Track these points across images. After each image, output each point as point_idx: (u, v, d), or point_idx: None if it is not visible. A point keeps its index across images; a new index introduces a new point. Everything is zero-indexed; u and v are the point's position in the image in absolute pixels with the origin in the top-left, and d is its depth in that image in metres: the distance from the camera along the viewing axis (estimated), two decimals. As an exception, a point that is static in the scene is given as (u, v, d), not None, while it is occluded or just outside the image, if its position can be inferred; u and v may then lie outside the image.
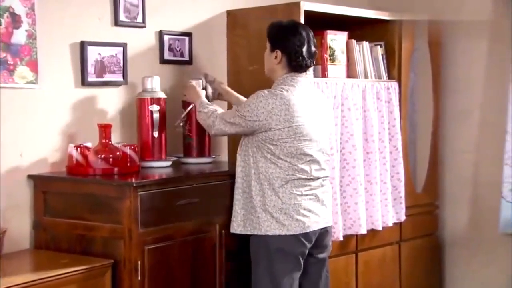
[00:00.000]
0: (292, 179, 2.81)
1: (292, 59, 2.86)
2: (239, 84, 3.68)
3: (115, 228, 2.76)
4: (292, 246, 2.81)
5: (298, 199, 2.81)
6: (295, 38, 2.86)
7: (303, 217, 2.80)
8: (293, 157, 2.81)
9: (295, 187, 2.81)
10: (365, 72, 3.79)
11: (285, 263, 2.83)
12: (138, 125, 3.23)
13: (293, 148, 2.80)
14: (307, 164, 2.83)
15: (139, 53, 3.37)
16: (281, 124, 2.78)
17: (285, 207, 2.80)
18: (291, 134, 2.79)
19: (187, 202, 2.89)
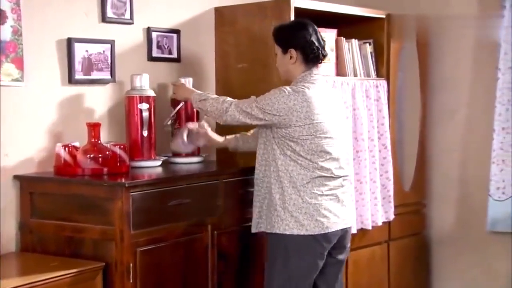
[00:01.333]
0: (313, 178, 2.76)
1: (308, 53, 2.83)
2: (228, 82, 3.63)
3: (106, 229, 2.69)
4: (310, 247, 2.76)
5: (319, 199, 2.76)
6: (304, 32, 2.85)
7: (323, 218, 2.76)
8: (314, 154, 2.76)
9: (316, 186, 2.77)
10: (354, 70, 3.77)
11: (302, 264, 2.78)
12: (127, 124, 3.15)
13: (313, 145, 2.76)
14: (328, 162, 2.79)
15: (127, 50, 3.30)
16: (302, 121, 2.74)
17: (305, 206, 2.75)
18: (312, 131, 2.75)
19: (179, 203, 2.83)
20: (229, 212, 3.07)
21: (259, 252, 3.22)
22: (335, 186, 2.83)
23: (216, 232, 2.98)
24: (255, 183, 2.89)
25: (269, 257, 2.86)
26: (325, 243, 2.79)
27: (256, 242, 3.20)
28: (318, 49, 2.84)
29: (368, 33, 3.87)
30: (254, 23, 3.51)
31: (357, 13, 3.76)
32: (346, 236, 2.91)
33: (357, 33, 3.82)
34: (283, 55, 2.90)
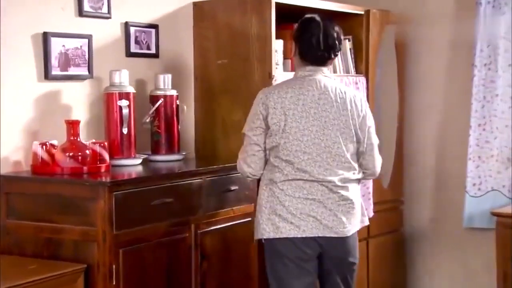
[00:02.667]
0: (288, 180, 2.61)
1: (304, 50, 2.69)
2: (207, 78, 3.57)
3: (87, 230, 2.61)
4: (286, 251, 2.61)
5: (294, 201, 2.60)
6: (307, 30, 2.70)
7: (299, 221, 2.60)
8: (287, 156, 2.61)
9: (292, 188, 2.61)
10: (334, 66, 3.73)
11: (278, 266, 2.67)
12: (106, 121, 3.07)
13: (286, 146, 2.61)
14: (304, 165, 2.60)
15: (105, 45, 3.21)
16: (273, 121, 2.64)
17: (279, 209, 2.62)
18: (281, 132, 2.62)
19: (161, 202, 2.76)
20: (212, 211, 3.01)
21: (242, 252, 3.18)
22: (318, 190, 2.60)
23: (199, 231, 2.92)
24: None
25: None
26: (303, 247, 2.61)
27: (239, 241, 3.16)
28: (314, 50, 2.67)
29: (348, 29, 3.82)
30: (234, 18, 3.46)
31: (336, 9, 3.73)
32: (338, 246, 2.65)
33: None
34: (292, 46, 2.80)
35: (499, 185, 3.97)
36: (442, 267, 4.22)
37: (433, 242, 4.24)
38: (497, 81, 3.94)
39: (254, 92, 3.38)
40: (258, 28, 3.37)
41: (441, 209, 4.22)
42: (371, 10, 3.88)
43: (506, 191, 3.95)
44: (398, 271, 4.24)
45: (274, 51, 3.38)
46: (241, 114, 3.47)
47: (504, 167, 3.95)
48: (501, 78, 3.93)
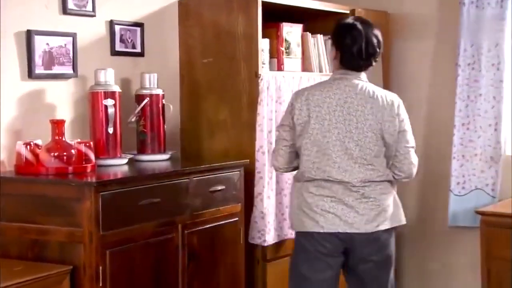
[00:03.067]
0: (310, 179, 2.66)
1: (345, 58, 2.71)
2: (193, 77, 3.54)
3: (73, 231, 2.57)
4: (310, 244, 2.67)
5: (315, 198, 2.65)
6: (348, 36, 2.69)
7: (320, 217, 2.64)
8: (310, 155, 2.67)
9: (314, 186, 2.66)
10: (320, 66, 3.74)
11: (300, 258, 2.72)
12: (91, 120, 3.03)
13: (308, 145, 2.66)
14: (325, 164, 2.64)
15: (89, 44, 3.17)
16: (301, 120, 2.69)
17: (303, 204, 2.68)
18: (309, 131, 2.67)
19: (149, 202, 2.73)
20: (199, 211, 2.99)
21: (229, 252, 3.16)
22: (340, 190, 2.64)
23: (186, 232, 2.90)
24: None
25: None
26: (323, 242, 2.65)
27: (226, 241, 3.14)
28: (355, 58, 2.68)
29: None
30: (220, 17, 3.44)
31: (322, 8, 3.72)
32: (362, 244, 2.67)
33: (323, 28, 3.78)
34: (331, 49, 2.81)
35: (482, 184, 3.99)
36: (426, 265, 4.24)
37: (418, 240, 4.25)
38: (480, 81, 3.96)
39: (240, 91, 3.40)
40: (244, 26, 3.36)
41: (426, 208, 4.24)
42: (356, 9, 3.88)
43: (490, 189, 3.97)
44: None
45: (261, 50, 3.36)
46: (226, 113, 3.46)
47: (487, 166, 3.98)
48: (485, 78, 3.95)
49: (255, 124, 3.32)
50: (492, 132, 3.96)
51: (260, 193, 3.31)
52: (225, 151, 3.44)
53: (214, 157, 3.45)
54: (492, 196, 3.96)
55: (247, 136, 3.38)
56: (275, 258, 3.43)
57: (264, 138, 3.32)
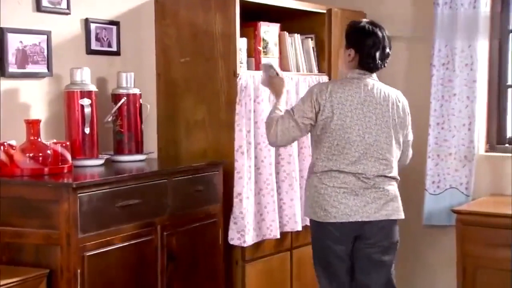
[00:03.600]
0: (326, 170, 2.79)
1: (364, 61, 2.86)
2: (170, 77, 3.50)
3: (50, 234, 2.51)
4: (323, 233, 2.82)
5: (329, 190, 2.79)
6: (369, 40, 2.85)
7: (332, 208, 2.78)
8: (330, 149, 2.79)
9: (329, 178, 2.79)
10: (297, 65, 3.73)
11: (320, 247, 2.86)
12: (67, 120, 2.97)
13: (332, 140, 2.79)
14: (343, 157, 2.79)
15: (64, 42, 3.11)
16: (325, 115, 2.78)
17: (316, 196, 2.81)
18: (332, 126, 2.78)
19: (127, 204, 2.68)
20: (178, 212, 2.95)
21: (208, 253, 3.13)
22: (354, 181, 2.79)
23: (165, 233, 2.86)
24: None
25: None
26: (336, 232, 2.80)
27: (206, 242, 3.11)
28: (375, 61, 2.85)
29: (310, 28, 3.85)
30: (197, 16, 3.40)
31: (299, 7, 3.71)
32: (372, 228, 2.83)
33: (300, 27, 3.78)
34: (345, 49, 2.93)
35: (457, 183, 4.03)
36: (401, 264, 4.24)
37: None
38: (454, 81, 3.99)
39: (218, 90, 3.37)
40: (222, 26, 3.33)
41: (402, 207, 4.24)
42: (332, 9, 3.88)
43: (464, 188, 4.01)
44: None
45: (239, 49, 3.34)
46: (204, 112, 3.42)
47: (461, 165, 4.01)
48: (458, 78, 3.98)
49: (234, 124, 3.30)
50: (466, 131, 3.99)
51: (240, 194, 3.29)
52: (203, 151, 3.41)
53: (192, 157, 3.41)
54: (466, 195, 4.00)
55: (225, 136, 3.35)
56: (254, 259, 3.41)
57: (243, 138, 3.30)
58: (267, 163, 3.42)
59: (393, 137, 2.87)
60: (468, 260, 3.56)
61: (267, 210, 3.44)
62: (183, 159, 3.43)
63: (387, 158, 2.84)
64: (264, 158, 3.42)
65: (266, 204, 3.43)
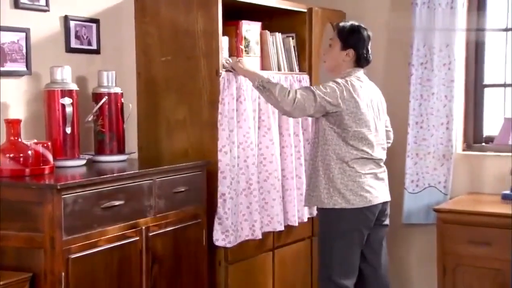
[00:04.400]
0: (356, 158, 3.05)
1: (362, 56, 3.17)
2: (151, 76, 3.45)
3: (33, 236, 2.45)
4: (357, 218, 3.06)
5: (362, 177, 3.06)
6: (363, 38, 3.17)
7: (366, 193, 3.06)
8: (355, 139, 3.06)
9: (359, 166, 3.06)
10: (278, 64, 3.71)
11: (350, 237, 3.06)
12: (48, 120, 2.90)
13: (356, 132, 3.06)
14: (368, 147, 3.09)
15: (43, 40, 3.04)
16: (350, 109, 3.03)
17: (350, 184, 3.04)
18: (356, 119, 3.05)
19: (112, 205, 2.63)
20: (162, 213, 2.91)
21: (192, 254, 3.09)
22: (374, 166, 3.13)
23: (150, 234, 2.81)
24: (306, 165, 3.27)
25: (322, 231, 3.13)
26: (370, 215, 3.09)
27: (189, 243, 3.07)
28: (368, 54, 3.19)
29: (291, 27, 3.83)
30: (178, 14, 3.35)
31: (280, 6, 3.69)
32: (387, 206, 3.23)
33: (281, 26, 3.76)
34: (340, 51, 3.16)
35: (435, 182, 4.06)
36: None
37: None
38: (433, 80, 4.02)
39: (200, 89, 3.33)
40: (204, 24, 3.29)
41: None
42: (313, 8, 3.87)
43: (442, 187, 4.04)
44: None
45: (221, 47, 3.30)
46: (186, 112, 3.38)
47: (439, 164, 4.04)
48: (437, 77, 4.01)
49: (216, 123, 3.26)
50: (444, 130, 4.03)
51: (224, 194, 3.25)
52: (185, 151, 3.37)
53: (173, 157, 3.37)
54: (444, 194, 4.03)
55: (208, 136, 3.31)
56: (237, 260, 3.38)
57: (227, 138, 3.27)
58: (250, 163, 3.39)
59: (384, 125, 3.26)
60: (448, 258, 3.59)
61: (249, 210, 3.41)
62: (164, 159, 3.38)
63: (385, 144, 3.24)
64: (247, 158, 3.39)
65: (248, 204, 3.41)
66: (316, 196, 3.08)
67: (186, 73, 3.35)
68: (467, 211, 3.57)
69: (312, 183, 3.12)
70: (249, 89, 3.40)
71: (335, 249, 3.06)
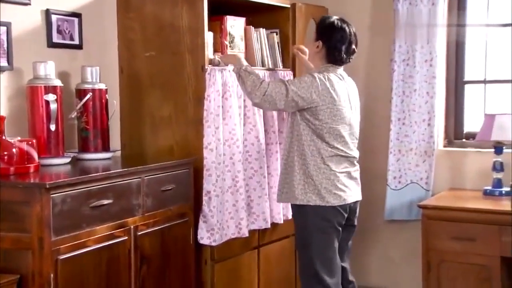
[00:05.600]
0: (331, 156, 3.01)
1: (330, 53, 3.08)
2: (134, 71, 3.38)
3: (20, 237, 2.37)
4: (332, 216, 3.02)
5: (337, 175, 3.02)
6: (337, 34, 3.07)
7: (341, 192, 3.03)
8: (330, 136, 3.01)
9: (334, 164, 3.02)
10: (263, 60, 3.67)
11: (328, 233, 3.03)
12: (31, 117, 2.81)
13: (332, 129, 3.01)
14: (342, 144, 3.05)
15: (25, 34, 2.95)
16: (326, 105, 2.98)
17: (325, 182, 3.00)
18: (332, 115, 3.00)
19: (101, 204, 2.56)
20: (150, 211, 2.85)
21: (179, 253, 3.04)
22: (349, 165, 3.09)
23: (138, 234, 2.75)
24: (281, 160, 3.15)
25: (299, 227, 3.09)
26: (344, 213, 3.06)
27: (177, 242, 3.02)
28: (340, 55, 3.08)
29: (274, 22, 3.79)
30: (163, 10, 3.29)
31: (263, 1, 3.64)
32: (357, 206, 3.21)
33: (264, 22, 3.72)
34: (313, 41, 3.13)
35: (417, 178, 4.07)
36: (361, 258, 4.27)
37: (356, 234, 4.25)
38: (415, 76, 4.03)
39: (185, 85, 3.28)
40: (189, 19, 3.23)
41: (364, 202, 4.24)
42: (296, 4, 3.84)
43: (424, 183, 4.06)
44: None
45: (207, 43, 3.25)
46: (171, 108, 3.32)
47: (421, 160, 4.06)
48: (419, 74, 4.02)
49: (202, 120, 3.21)
50: (426, 126, 4.04)
51: (209, 191, 3.20)
52: (170, 148, 3.31)
53: (158, 154, 3.31)
54: (426, 190, 4.05)
55: (193, 132, 3.26)
56: (223, 258, 3.34)
57: (212, 135, 3.22)
58: (236, 160, 3.35)
59: (359, 122, 3.21)
60: (432, 253, 3.60)
61: (236, 208, 3.37)
62: (148, 156, 3.32)
63: (357, 142, 3.19)
64: (233, 155, 3.35)
65: (234, 202, 3.36)
66: (290, 192, 3.03)
67: (171, 69, 3.29)
68: (453, 207, 3.58)
69: (284, 178, 3.07)
70: (235, 85, 3.35)
71: (313, 245, 3.01)
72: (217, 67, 3.24)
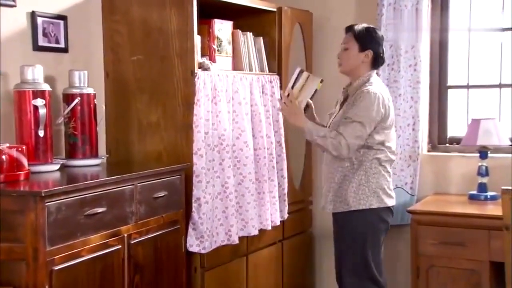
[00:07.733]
0: (386, 160, 3.15)
1: (379, 58, 3.22)
2: (120, 76, 3.30)
3: (13, 248, 2.27)
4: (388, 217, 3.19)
5: (388, 178, 3.18)
6: (380, 38, 3.22)
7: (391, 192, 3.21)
8: (387, 143, 3.14)
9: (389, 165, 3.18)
10: (250, 64, 3.62)
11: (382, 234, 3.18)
12: (18, 123, 2.71)
13: (384, 135, 3.13)
14: (391, 152, 3.19)
15: (10, 37, 2.84)
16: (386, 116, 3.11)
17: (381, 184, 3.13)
18: (390, 122, 3.15)
19: (95, 212, 2.48)
20: (143, 219, 2.77)
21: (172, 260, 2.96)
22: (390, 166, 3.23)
23: (131, 242, 2.67)
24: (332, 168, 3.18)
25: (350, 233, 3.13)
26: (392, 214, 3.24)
27: (169, 250, 2.94)
28: (383, 58, 3.24)
29: (261, 27, 3.76)
30: (151, 13, 3.22)
31: (249, 4, 3.61)
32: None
33: (251, 26, 3.68)
34: (358, 52, 3.18)
35: (402, 183, 4.06)
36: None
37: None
38: (399, 81, 4.03)
39: (174, 90, 3.21)
40: (177, 23, 3.17)
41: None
42: (282, 8, 3.80)
43: (409, 188, 4.05)
44: (307, 270, 4.21)
45: (196, 47, 3.19)
46: (159, 113, 3.25)
47: (406, 165, 4.05)
48: (403, 78, 4.03)
49: (191, 125, 3.15)
50: (410, 131, 4.04)
51: (199, 198, 3.14)
52: (158, 155, 3.23)
53: (146, 160, 3.23)
54: (411, 194, 4.04)
55: (182, 138, 3.19)
56: (213, 266, 3.28)
57: (202, 140, 3.15)
58: (226, 166, 3.29)
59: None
60: (422, 259, 3.59)
61: (225, 214, 3.31)
62: (135, 163, 3.24)
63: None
64: (222, 160, 3.29)
65: (224, 209, 3.31)
66: (346, 198, 3.10)
67: (159, 73, 3.22)
68: (442, 212, 3.58)
69: (338, 187, 3.12)
70: (224, 90, 3.30)
71: (371, 248, 3.10)
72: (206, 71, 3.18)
